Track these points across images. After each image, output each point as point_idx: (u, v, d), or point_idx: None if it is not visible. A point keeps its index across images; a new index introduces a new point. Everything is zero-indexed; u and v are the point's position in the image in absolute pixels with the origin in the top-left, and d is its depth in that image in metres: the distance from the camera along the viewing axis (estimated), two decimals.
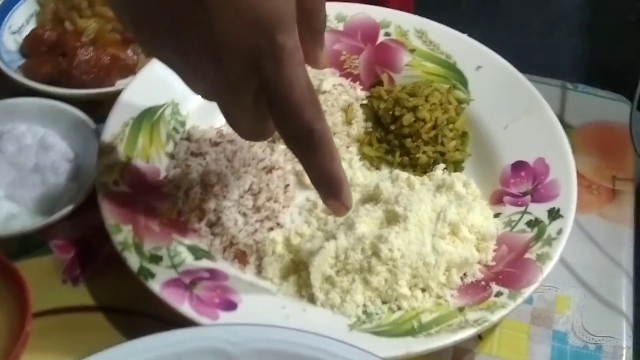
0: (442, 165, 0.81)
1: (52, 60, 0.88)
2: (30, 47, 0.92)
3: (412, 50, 0.90)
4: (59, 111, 0.83)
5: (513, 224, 0.74)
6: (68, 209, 0.75)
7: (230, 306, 0.66)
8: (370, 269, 0.68)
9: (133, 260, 0.67)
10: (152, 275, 0.66)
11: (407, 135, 0.83)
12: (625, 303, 0.75)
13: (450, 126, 0.84)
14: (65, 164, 0.81)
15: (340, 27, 0.91)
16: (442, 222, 0.70)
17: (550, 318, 0.73)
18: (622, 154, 0.89)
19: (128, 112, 0.80)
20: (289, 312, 0.67)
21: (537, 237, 0.71)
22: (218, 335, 0.60)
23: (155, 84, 0.82)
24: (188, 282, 0.67)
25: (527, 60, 0.87)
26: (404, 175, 0.79)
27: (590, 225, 0.81)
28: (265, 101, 0.53)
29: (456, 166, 0.83)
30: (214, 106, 0.88)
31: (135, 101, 0.81)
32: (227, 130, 0.85)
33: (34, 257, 0.76)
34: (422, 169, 0.82)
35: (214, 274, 0.69)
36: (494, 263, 0.70)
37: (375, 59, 0.90)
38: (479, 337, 0.70)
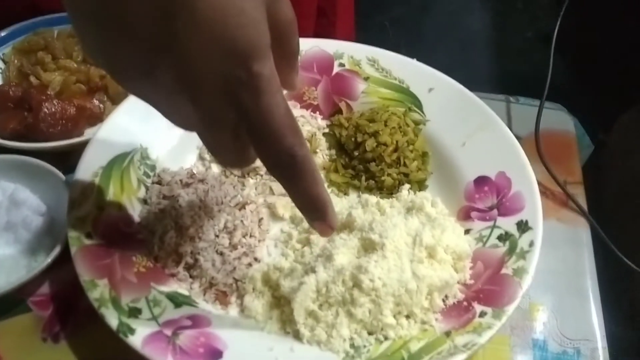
0: (407, 186, 0.70)
1: (18, 115, 0.74)
2: None
3: (367, 78, 0.78)
4: (27, 165, 0.69)
5: (484, 239, 0.62)
6: (43, 264, 0.61)
7: (216, 355, 0.53)
8: (353, 301, 0.56)
9: (111, 317, 0.54)
10: (132, 331, 0.53)
11: (371, 159, 0.71)
12: (594, 303, 0.65)
13: (411, 147, 0.72)
14: (38, 219, 0.66)
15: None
16: (419, 246, 0.58)
17: (527, 327, 0.63)
18: (569, 159, 0.79)
19: (96, 162, 0.66)
20: (277, 354, 0.54)
21: (510, 251, 0.60)
22: None
23: (121, 132, 0.69)
24: (170, 333, 0.54)
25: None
26: (373, 199, 0.67)
27: (551, 230, 0.70)
28: (245, 130, 0.43)
29: (420, 185, 0.71)
30: (183, 147, 0.76)
31: (103, 150, 0.67)
32: (198, 169, 0.72)
33: (13, 317, 0.62)
34: (389, 191, 0.71)
35: (196, 321, 0.56)
36: (472, 281, 0.59)
37: (333, 89, 0.78)
38: None
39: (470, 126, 0.72)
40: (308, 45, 0.79)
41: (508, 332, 0.62)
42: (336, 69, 0.79)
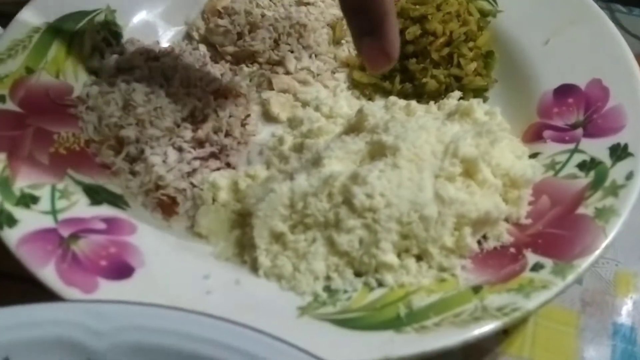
0: (457, 94, 0.50)
1: None
2: None
3: None
4: None
5: (558, 166, 0.43)
6: None
7: (123, 272, 0.37)
8: (339, 224, 0.38)
9: None
10: (11, 222, 0.38)
11: (412, 54, 0.53)
12: None
13: (471, 44, 0.53)
14: None
15: None
16: (452, 157, 0.39)
17: (608, 305, 0.42)
18: None
19: (43, 15, 0.51)
20: (213, 284, 0.37)
21: (596, 185, 0.40)
22: (75, 318, 0.32)
23: None
24: (67, 234, 0.38)
25: None
26: (402, 102, 0.48)
27: None
28: None
29: (477, 95, 0.52)
30: (167, 18, 0.58)
31: (56, 3, 0.52)
32: (181, 49, 0.55)
33: None
34: (431, 98, 0.52)
35: (113, 225, 0.40)
36: (529, 221, 0.40)
37: None
38: (504, 332, 0.39)
39: (558, 19, 0.51)
40: None
41: (577, 308, 0.42)
42: None
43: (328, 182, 0.39)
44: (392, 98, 0.50)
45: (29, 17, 0.50)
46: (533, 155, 0.44)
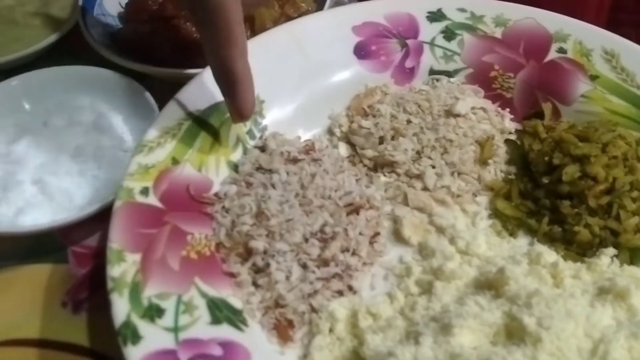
0: (611, 250, 0.46)
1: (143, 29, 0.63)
2: (132, 13, 0.66)
3: (594, 77, 0.54)
4: (129, 90, 0.57)
5: None
6: (91, 210, 0.49)
7: None
8: None
9: (120, 309, 0.40)
10: (136, 339, 0.38)
11: (566, 195, 0.48)
12: None
13: (635, 193, 0.48)
14: (116, 154, 0.55)
15: (498, 33, 0.58)
16: None
17: None
18: None
19: (194, 102, 0.52)
20: None
21: None
22: None
23: None
24: (186, 359, 0.38)
25: None
26: (550, 257, 0.44)
27: None
28: None
29: (634, 256, 0.47)
30: (311, 111, 0.59)
31: (210, 89, 0.53)
32: (320, 145, 0.54)
33: (45, 263, 0.51)
34: (580, 249, 0.47)
35: (229, 352, 0.40)
36: None
37: (539, 82, 0.56)
38: None
39: None
40: (521, 15, 0.58)
41: None
42: (552, 54, 0.56)
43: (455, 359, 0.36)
44: (538, 247, 0.46)
45: (181, 105, 0.51)
46: None
